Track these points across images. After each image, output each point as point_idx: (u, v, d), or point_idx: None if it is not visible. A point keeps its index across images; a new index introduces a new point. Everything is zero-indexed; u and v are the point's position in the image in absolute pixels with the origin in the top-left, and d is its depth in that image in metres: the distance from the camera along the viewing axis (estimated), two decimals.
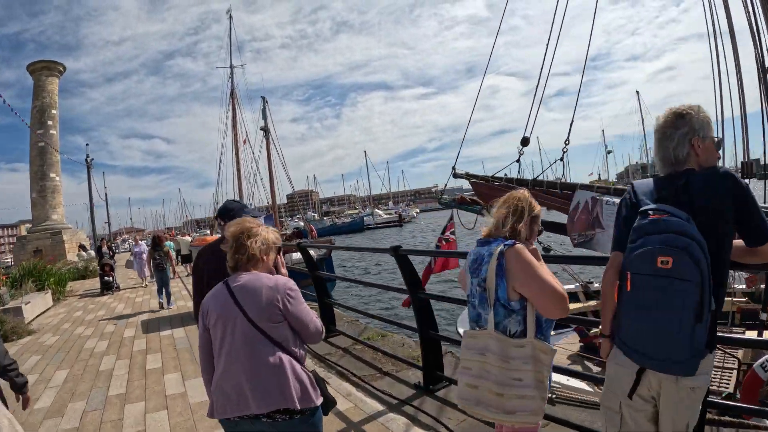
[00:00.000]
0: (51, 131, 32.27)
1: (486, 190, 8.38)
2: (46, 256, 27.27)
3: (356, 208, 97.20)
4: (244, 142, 30.83)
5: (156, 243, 10.89)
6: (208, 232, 49.42)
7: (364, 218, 71.63)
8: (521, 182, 7.56)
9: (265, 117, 23.79)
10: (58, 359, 6.48)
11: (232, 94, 31.27)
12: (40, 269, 13.13)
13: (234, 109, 30.82)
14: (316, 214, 58.56)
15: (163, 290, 10.07)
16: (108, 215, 55.85)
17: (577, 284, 11.40)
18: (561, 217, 8.22)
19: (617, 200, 5.84)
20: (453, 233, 9.21)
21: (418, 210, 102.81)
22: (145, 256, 13.31)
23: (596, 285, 11.14)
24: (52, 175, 31.83)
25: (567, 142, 7.51)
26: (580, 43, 7.74)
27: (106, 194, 41.96)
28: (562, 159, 7.84)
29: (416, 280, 4.06)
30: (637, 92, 71.48)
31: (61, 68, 34.47)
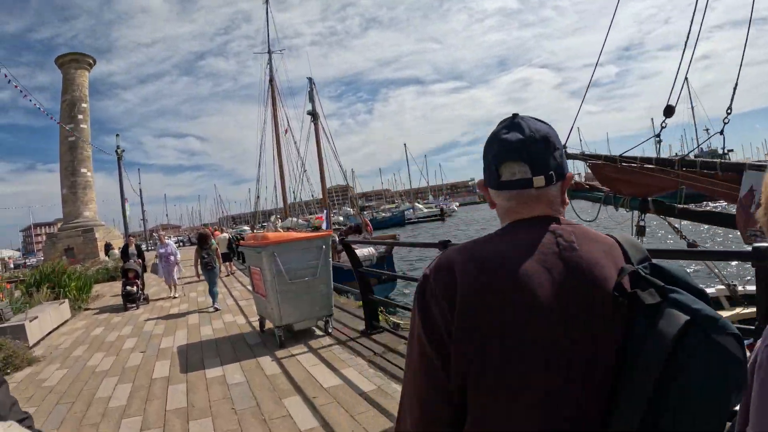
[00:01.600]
0: (81, 125, 30.86)
1: (612, 172, 6.81)
2: (78, 255, 25.87)
3: (394, 202, 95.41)
4: (286, 131, 28.70)
5: (203, 240, 9.91)
6: (246, 228, 47.70)
7: (405, 212, 69.07)
8: (663, 162, 6.06)
9: (312, 100, 21.41)
10: (56, 419, 4.21)
11: (271, 81, 29.18)
12: (58, 273, 11.09)
13: (273, 97, 28.72)
14: (352, 210, 56.64)
15: (215, 290, 9.32)
16: (143, 211, 55.23)
17: (720, 287, 8.96)
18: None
19: None
20: None
21: (457, 204, 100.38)
22: (172, 258, 11.21)
23: (742, 288, 8.80)
24: (83, 170, 30.44)
25: (729, 111, 5.63)
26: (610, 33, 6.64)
27: (140, 190, 40.74)
28: (722, 132, 5.90)
29: None
30: (686, 79, 67.26)
31: (90, 61, 33.11)
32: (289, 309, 5.64)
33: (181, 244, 59.32)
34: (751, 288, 8.96)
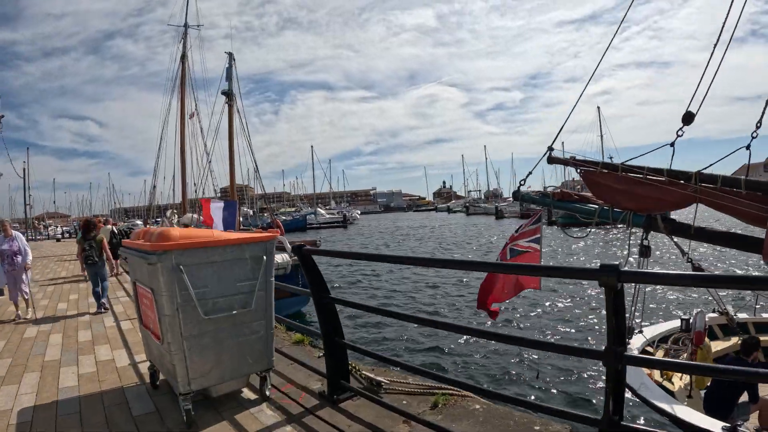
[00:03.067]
0: None
1: (612, 182, 6.11)
2: None
3: (295, 206, 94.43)
4: (191, 116, 25.37)
5: (87, 230, 8.50)
6: (139, 222, 42.85)
7: (307, 217, 67.99)
8: (675, 174, 5.52)
9: (230, 78, 18.54)
10: None
11: (183, 57, 25.67)
12: None
13: (183, 77, 25.26)
14: (251, 210, 53.96)
15: (99, 289, 8.04)
16: (27, 196, 48.61)
17: (712, 315, 8.20)
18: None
19: None
20: (537, 241, 6.33)
21: (359, 212, 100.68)
22: (20, 259, 7.83)
23: (739, 315, 7.91)
24: None
25: (759, 125, 5.17)
26: (520, 61, 5.59)
27: (24, 170, 35.15)
28: (748, 147, 5.32)
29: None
30: (598, 108, 70.18)
31: None
32: (203, 364, 3.41)
33: (68, 234, 53.03)
34: (744, 316, 8.21)
